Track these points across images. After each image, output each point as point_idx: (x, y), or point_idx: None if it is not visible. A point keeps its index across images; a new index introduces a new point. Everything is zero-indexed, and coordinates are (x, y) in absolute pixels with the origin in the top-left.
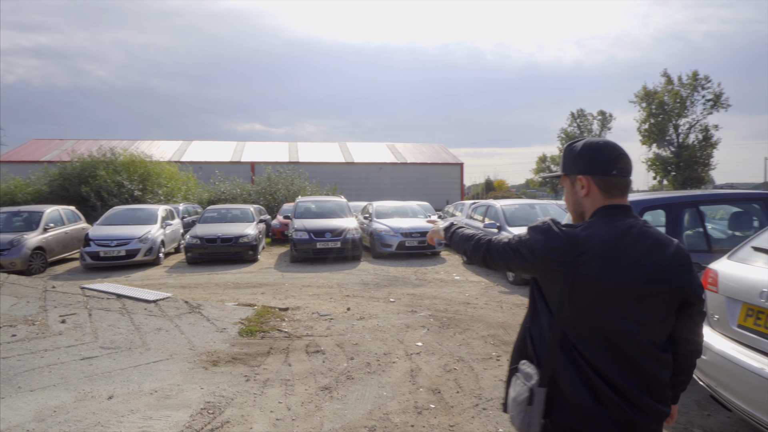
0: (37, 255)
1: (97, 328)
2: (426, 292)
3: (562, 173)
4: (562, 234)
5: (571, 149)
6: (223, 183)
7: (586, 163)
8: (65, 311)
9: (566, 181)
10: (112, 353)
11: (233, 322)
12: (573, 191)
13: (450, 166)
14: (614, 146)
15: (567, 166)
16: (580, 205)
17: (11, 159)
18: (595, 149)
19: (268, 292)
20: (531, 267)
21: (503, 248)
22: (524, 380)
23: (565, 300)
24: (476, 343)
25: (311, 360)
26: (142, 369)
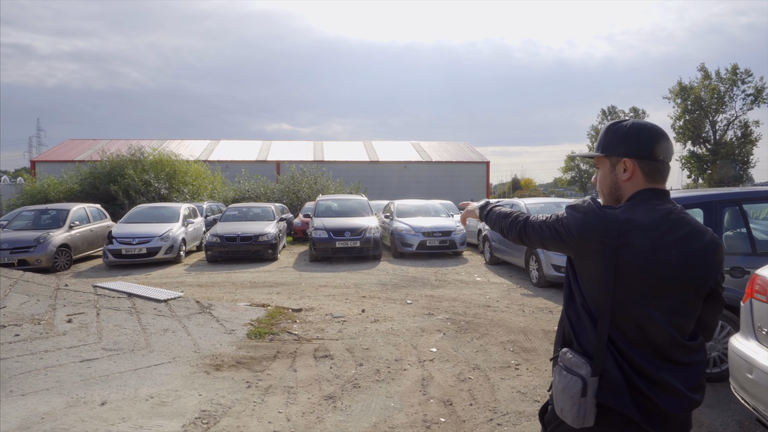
0: (63, 252)
1: (102, 328)
2: (445, 294)
3: (603, 154)
4: (602, 213)
5: (616, 129)
6: (248, 182)
7: (633, 145)
8: (74, 310)
9: (605, 163)
10: (114, 355)
11: (243, 323)
12: (613, 174)
13: (476, 164)
14: (661, 130)
15: (610, 146)
16: (619, 189)
17: (47, 159)
18: (643, 132)
19: (283, 291)
20: (567, 246)
21: (540, 225)
22: (572, 369)
23: (610, 282)
24: (494, 349)
25: (318, 365)
26: (142, 372)
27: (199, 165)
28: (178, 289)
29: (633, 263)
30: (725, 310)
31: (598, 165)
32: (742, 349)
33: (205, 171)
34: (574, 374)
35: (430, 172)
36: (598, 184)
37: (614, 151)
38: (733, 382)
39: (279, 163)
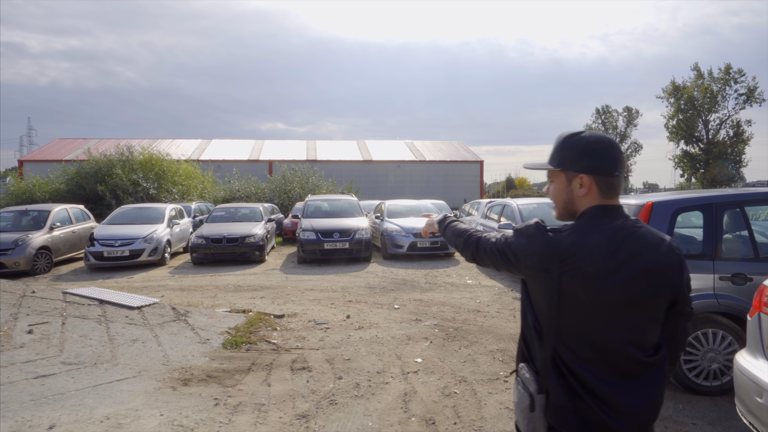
0: (43, 255)
1: (66, 339)
2: (434, 298)
3: (558, 168)
4: (545, 240)
5: (573, 142)
6: (238, 181)
7: (591, 161)
8: (37, 319)
9: (560, 177)
10: (73, 370)
11: (220, 331)
12: (568, 189)
13: (470, 163)
14: (617, 145)
15: (567, 161)
16: (573, 204)
17: (35, 158)
18: (600, 147)
19: (268, 296)
20: (515, 269)
21: (491, 248)
22: (525, 385)
23: (553, 307)
24: (483, 359)
25: (294, 379)
26: (102, 389)
27: (189, 164)
28: (158, 293)
29: (579, 288)
30: (727, 319)
31: (552, 178)
32: (750, 369)
33: (195, 171)
34: (525, 390)
35: (424, 171)
36: (552, 197)
37: (571, 166)
38: (739, 404)
39: (271, 162)
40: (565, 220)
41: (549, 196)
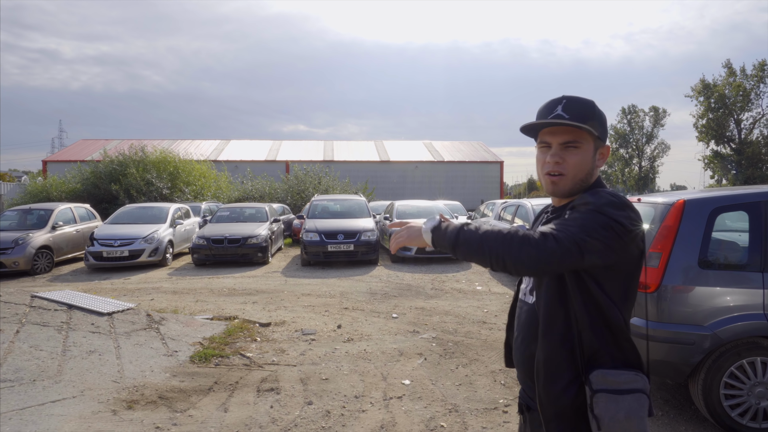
0: (43, 254)
1: (12, 350)
2: (437, 306)
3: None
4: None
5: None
6: (252, 181)
7: (605, 130)
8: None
9: (589, 144)
10: (5, 388)
11: (192, 342)
12: (593, 159)
13: (489, 164)
14: None
15: (600, 128)
16: (591, 176)
17: (59, 159)
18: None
19: (260, 301)
20: (620, 247)
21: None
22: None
23: (633, 285)
24: (482, 382)
25: (258, 403)
26: (30, 413)
27: (204, 164)
28: (149, 296)
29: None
30: None
31: (577, 143)
32: None
33: (209, 170)
34: (635, 391)
35: (442, 172)
36: (570, 167)
37: (603, 134)
38: None
39: (288, 162)
40: (567, 196)
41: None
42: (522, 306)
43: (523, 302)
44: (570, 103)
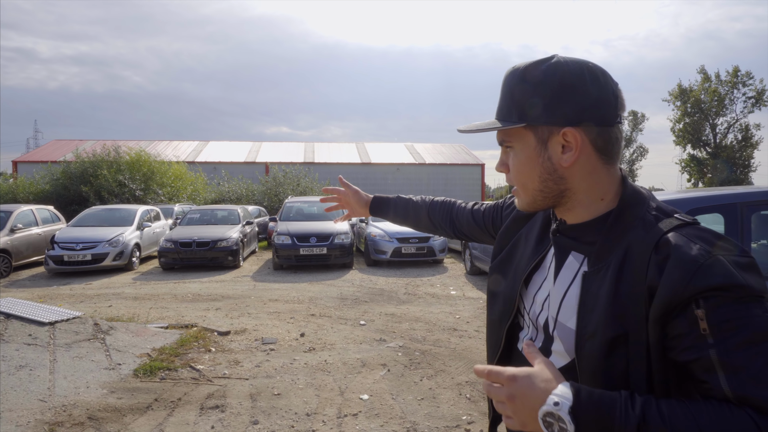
0: (0, 258)
1: None
2: (408, 312)
3: (518, 123)
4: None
5: (541, 77)
6: (229, 183)
7: (580, 103)
8: None
9: (524, 139)
10: None
11: (140, 353)
12: (542, 157)
13: (471, 166)
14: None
15: (533, 108)
16: (558, 180)
17: (30, 159)
18: (592, 78)
19: (224, 307)
20: None
21: None
22: None
23: None
24: (446, 395)
25: (199, 422)
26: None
27: (179, 166)
28: (109, 302)
29: None
30: None
31: (509, 142)
32: None
33: (185, 172)
34: None
35: (424, 174)
36: (513, 175)
37: (547, 115)
38: None
39: (268, 164)
40: (538, 209)
41: (506, 176)
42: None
43: (525, 364)
44: (505, 86)
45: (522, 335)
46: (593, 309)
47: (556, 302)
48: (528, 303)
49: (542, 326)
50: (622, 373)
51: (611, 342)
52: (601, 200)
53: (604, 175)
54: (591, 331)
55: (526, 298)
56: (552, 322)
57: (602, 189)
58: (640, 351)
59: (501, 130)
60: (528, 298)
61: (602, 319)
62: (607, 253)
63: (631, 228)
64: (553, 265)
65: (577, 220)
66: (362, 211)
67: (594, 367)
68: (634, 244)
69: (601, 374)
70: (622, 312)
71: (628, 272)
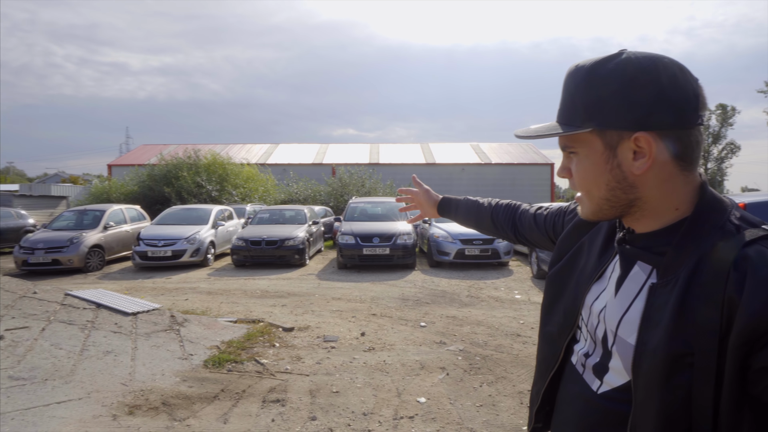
0: (95, 253)
1: (33, 347)
2: (470, 316)
3: (583, 128)
4: None
5: (608, 76)
6: (297, 184)
7: (654, 105)
8: (20, 323)
9: (591, 144)
10: (16, 387)
11: (210, 345)
12: (611, 163)
13: (539, 166)
14: (680, 63)
15: (601, 112)
16: (628, 189)
17: (122, 163)
18: (668, 75)
19: (290, 304)
20: None
21: None
22: None
23: None
24: (506, 403)
25: (260, 415)
26: (33, 414)
27: (251, 168)
28: (185, 295)
29: None
30: None
31: (574, 148)
32: None
33: (256, 173)
34: None
35: (490, 174)
36: (577, 183)
37: (614, 119)
38: None
39: (334, 165)
40: (604, 219)
41: (569, 181)
42: (574, 387)
43: (578, 380)
44: (567, 86)
45: (577, 348)
46: (657, 324)
47: (616, 315)
48: (585, 314)
49: (600, 340)
50: (683, 399)
51: (674, 361)
52: (676, 210)
53: (680, 183)
54: (652, 348)
55: (583, 308)
56: (611, 336)
57: (677, 198)
58: (708, 378)
59: (567, 135)
60: (585, 308)
61: (665, 336)
62: (678, 264)
63: (707, 238)
64: (615, 276)
65: (646, 230)
66: (431, 211)
67: (652, 388)
68: (708, 255)
69: (660, 397)
70: (689, 330)
71: (699, 286)
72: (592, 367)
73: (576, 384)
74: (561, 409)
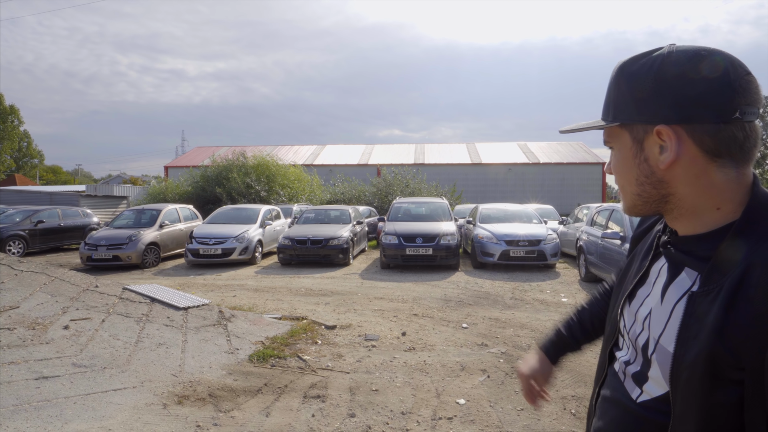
0: (151, 250)
1: (94, 337)
2: (514, 318)
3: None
4: None
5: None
6: (342, 184)
7: (680, 99)
8: (83, 314)
9: (621, 138)
10: (78, 373)
11: (255, 340)
12: (639, 157)
13: (590, 165)
14: (727, 55)
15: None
16: (657, 185)
17: (178, 164)
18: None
19: (332, 302)
20: None
21: None
22: None
23: None
24: (548, 408)
25: (301, 410)
26: (92, 399)
27: (297, 168)
28: (233, 292)
29: None
30: None
31: (611, 143)
32: None
33: (302, 174)
34: None
35: (538, 174)
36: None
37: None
38: None
39: (379, 166)
40: (640, 214)
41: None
42: (615, 394)
43: (618, 388)
44: (609, 83)
45: (619, 355)
46: (696, 336)
47: (660, 322)
48: (629, 320)
49: (641, 348)
50: (727, 418)
51: (714, 377)
52: (717, 209)
53: (718, 180)
54: (691, 359)
55: (627, 314)
56: (653, 344)
57: (717, 196)
58: (759, 397)
59: (606, 130)
60: (630, 314)
61: (705, 350)
62: (723, 272)
63: (757, 245)
64: (661, 281)
65: (690, 232)
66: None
67: (691, 402)
68: (758, 264)
69: (699, 413)
70: (735, 344)
71: (745, 298)
72: (632, 375)
73: (616, 391)
74: (600, 415)
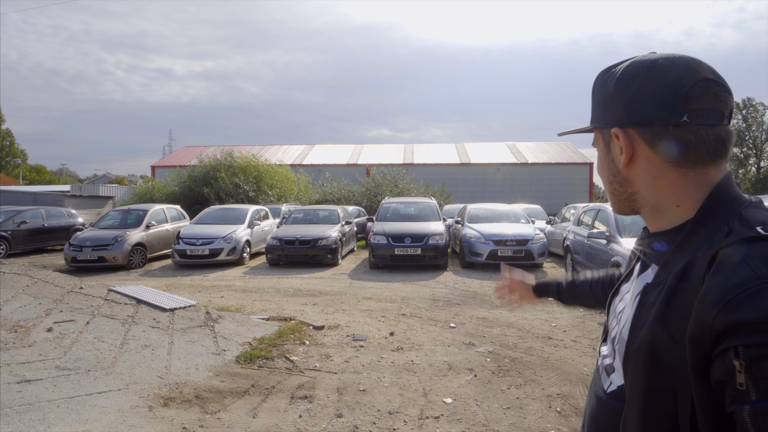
0: (138, 251)
1: (78, 340)
2: (501, 317)
3: (591, 124)
4: None
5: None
6: (330, 184)
7: (630, 102)
8: (66, 316)
9: (597, 140)
10: (62, 376)
11: (243, 341)
12: (608, 158)
13: (577, 166)
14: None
15: (598, 110)
16: (624, 183)
17: (164, 164)
18: (649, 72)
19: (321, 303)
20: None
21: None
22: None
23: None
24: (534, 406)
25: (288, 411)
26: (76, 402)
27: (284, 168)
28: (221, 293)
29: None
30: None
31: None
32: None
33: (290, 174)
34: None
35: (526, 174)
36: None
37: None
38: None
39: (368, 166)
40: (618, 213)
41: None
42: (594, 387)
43: (596, 381)
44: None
45: (602, 350)
46: (642, 325)
47: (626, 315)
48: (612, 316)
49: (612, 340)
50: (666, 403)
51: (653, 364)
52: (677, 207)
53: (675, 179)
54: (636, 347)
55: (612, 310)
56: (618, 335)
57: (675, 194)
58: (686, 385)
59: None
60: (612, 310)
61: (646, 337)
62: (672, 266)
63: (705, 240)
64: (635, 277)
65: (657, 228)
66: (528, 293)
67: (635, 388)
68: (698, 258)
69: (641, 398)
70: (671, 332)
71: (684, 291)
72: (605, 367)
73: (595, 384)
74: (585, 407)
